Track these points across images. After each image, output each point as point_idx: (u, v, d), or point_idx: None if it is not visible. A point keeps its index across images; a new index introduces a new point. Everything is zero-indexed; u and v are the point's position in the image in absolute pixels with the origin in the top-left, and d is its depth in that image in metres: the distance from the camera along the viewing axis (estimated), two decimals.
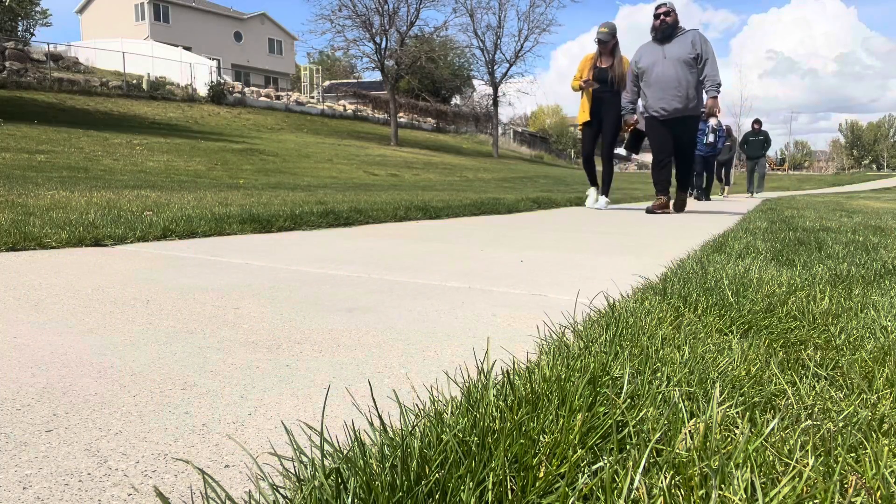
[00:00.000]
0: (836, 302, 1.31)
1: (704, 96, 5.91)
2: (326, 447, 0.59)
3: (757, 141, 13.99)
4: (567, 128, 54.47)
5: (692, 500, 0.52)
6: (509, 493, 0.53)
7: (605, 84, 6.17)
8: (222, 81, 28.21)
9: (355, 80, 42.22)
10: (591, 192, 6.62)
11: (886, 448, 0.60)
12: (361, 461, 0.56)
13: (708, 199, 12.40)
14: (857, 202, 9.90)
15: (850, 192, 21.97)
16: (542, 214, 5.23)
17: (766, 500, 0.51)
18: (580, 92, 6.40)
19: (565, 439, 0.59)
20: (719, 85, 5.71)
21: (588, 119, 6.33)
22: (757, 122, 14.09)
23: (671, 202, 6.12)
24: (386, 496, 0.51)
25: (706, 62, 5.73)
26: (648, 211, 5.90)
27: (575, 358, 0.86)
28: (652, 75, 5.88)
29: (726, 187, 13.86)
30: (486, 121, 38.77)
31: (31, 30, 30.17)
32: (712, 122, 4.84)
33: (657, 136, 6.00)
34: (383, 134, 29.02)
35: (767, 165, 14.31)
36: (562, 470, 0.56)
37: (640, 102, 6.21)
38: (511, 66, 33.21)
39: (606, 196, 6.52)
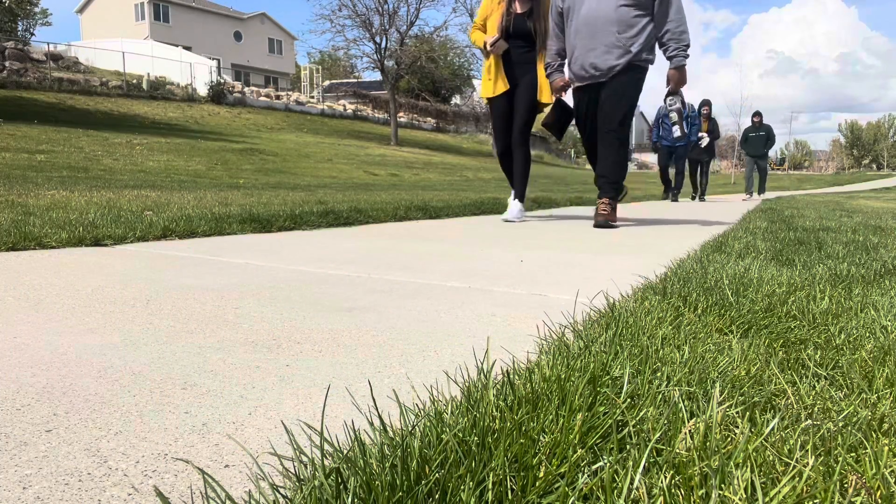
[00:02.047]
0: (836, 302, 1.31)
1: (656, 54, 3.89)
2: (326, 447, 0.59)
3: (758, 137, 12.33)
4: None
5: (692, 499, 0.52)
6: (509, 492, 0.53)
7: (521, 39, 4.24)
8: (222, 81, 28.23)
9: (355, 80, 42.23)
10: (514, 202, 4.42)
11: (886, 448, 0.60)
12: (361, 461, 0.56)
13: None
14: (857, 202, 9.90)
15: (849, 191, 21.98)
16: (542, 214, 5.23)
17: (766, 499, 0.51)
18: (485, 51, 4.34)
19: (565, 439, 0.59)
20: (687, 47, 3.71)
21: (505, 90, 4.29)
22: (757, 115, 12.40)
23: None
24: (386, 496, 0.51)
25: (668, 5, 3.70)
26: (598, 225, 3.84)
27: (575, 358, 0.86)
28: (581, 14, 3.87)
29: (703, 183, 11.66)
30: (486, 121, 38.75)
31: (31, 29, 30.21)
32: (673, 104, 3.79)
33: (587, 117, 4.02)
34: (383, 134, 29.03)
35: (768, 165, 13.40)
36: (562, 470, 0.56)
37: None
38: None
39: (521, 200, 4.42)
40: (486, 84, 4.38)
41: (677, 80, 3.87)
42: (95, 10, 40.61)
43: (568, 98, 4.31)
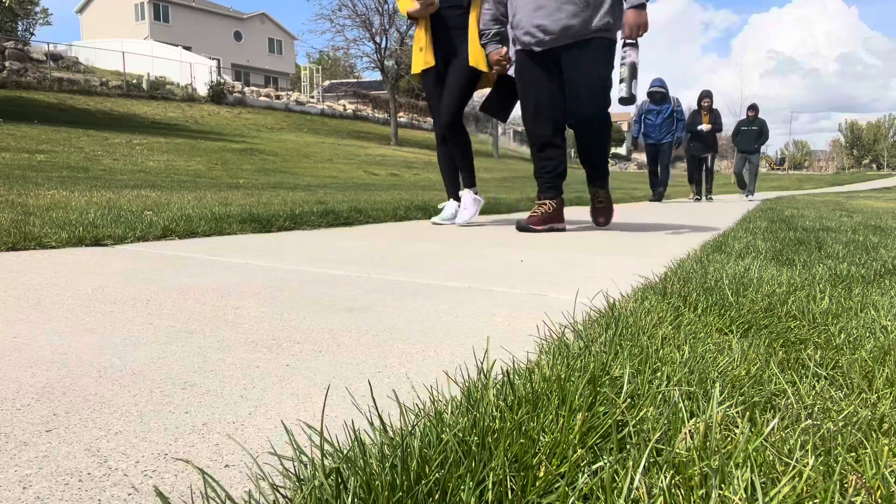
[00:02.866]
0: (836, 302, 1.31)
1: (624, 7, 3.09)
2: (326, 447, 0.59)
3: (750, 132, 11.36)
4: None
5: (692, 499, 0.52)
6: (509, 492, 0.53)
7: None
8: (222, 81, 28.26)
9: (355, 80, 42.24)
10: (449, 205, 3.85)
11: (886, 448, 0.60)
12: (361, 461, 0.56)
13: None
14: (857, 202, 9.90)
15: (850, 191, 21.99)
16: None
17: (766, 499, 0.51)
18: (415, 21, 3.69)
19: (565, 439, 0.59)
20: None
21: (433, 65, 3.62)
22: (753, 108, 11.47)
23: (560, 208, 3.48)
24: (386, 496, 0.51)
25: None
26: (521, 228, 3.39)
27: (575, 357, 0.86)
28: None
29: (697, 186, 11.01)
30: (486, 120, 38.76)
31: (31, 29, 30.24)
32: (627, 57, 3.07)
33: (535, 85, 3.29)
34: (383, 134, 29.04)
35: (766, 164, 13.00)
36: (562, 469, 0.56)
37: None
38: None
39: (473, 187, 3.82)
40: (417, 57, 3.67)
41: (633, 22, 3.01)
42: (95, 10, 40.63)
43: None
